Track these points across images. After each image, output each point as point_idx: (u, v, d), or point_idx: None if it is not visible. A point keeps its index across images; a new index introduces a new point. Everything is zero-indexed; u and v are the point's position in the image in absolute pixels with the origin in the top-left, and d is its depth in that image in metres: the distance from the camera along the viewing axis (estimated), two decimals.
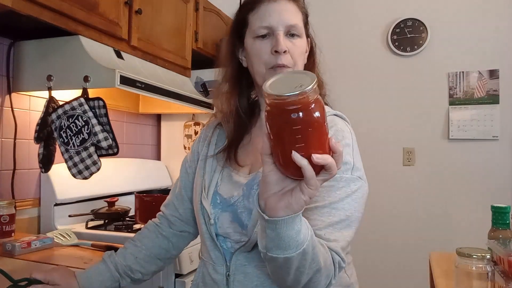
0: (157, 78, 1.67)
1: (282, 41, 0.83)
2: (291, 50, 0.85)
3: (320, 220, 0.74)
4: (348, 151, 0.82)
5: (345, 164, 0.78)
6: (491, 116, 2.60)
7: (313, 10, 0.95)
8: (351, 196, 0.78)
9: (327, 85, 1.00)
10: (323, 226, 0.74)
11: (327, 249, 0.71)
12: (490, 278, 0.83)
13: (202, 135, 1.03)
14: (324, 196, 0.76)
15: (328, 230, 0.74)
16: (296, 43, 0.86)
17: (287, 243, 0.61)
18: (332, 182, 0.76)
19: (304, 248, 0.62)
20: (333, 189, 0.77)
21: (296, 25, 0.86)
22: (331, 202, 0.76)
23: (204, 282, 0.90)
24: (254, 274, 0.81)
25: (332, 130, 0.83)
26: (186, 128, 2.32)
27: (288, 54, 0.85)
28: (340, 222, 0.75)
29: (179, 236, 1.03)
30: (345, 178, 0.78)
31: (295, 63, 0.86)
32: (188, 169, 1.02)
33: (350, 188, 0.78)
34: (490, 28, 2.63)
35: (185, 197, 1.02)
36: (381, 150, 2.79)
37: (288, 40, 0.85)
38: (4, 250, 1.23)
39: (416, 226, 2.73)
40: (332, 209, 0.75)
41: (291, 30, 0.85)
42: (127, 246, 1.01)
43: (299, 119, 0.52)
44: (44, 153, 1.44)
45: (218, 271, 0.86)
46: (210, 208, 0.88)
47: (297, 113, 0.52)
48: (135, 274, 0.97)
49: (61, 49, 1.43)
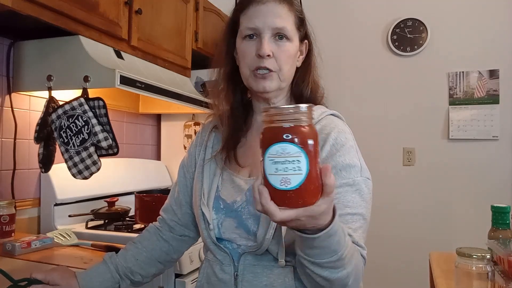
0: (157, 78, 1.67)
1: (266, 44, 0.83)
2: (276, 54, 0.84)
3: (348, 228, 0.74)
4: (354, 153, 0.83)
5: (353, 167, 0.80)
6: (491, 116, 2.60)
7: (313, 10, 0.94)
8: (363, 197, 0.79)
9: (327, 86, 0.99)
10: (351, 233, 0.75)
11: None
12: (490, 278, 0.83)
13: (198, 139, 1.01)
14: (342, 201, 0.77)
15: (357, 235, 0.76)
16: (282, 46, 0.85)
17: (333, 248, 0.64)
18: (346, 188, 0.78)
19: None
20: (349, 191, 0.78)
21: (284, 28, 0.84)
22: (350, 207, 0.77)
23: (209, 283, 0.89)
24: (263, 274, 0.81)
25: (335, 132, 0.83)
26: (186, 128, 2.32)
27: (273, 58, 0.84)
28: (361, 227, 0.78)
29: (179, 240, 1.03)
30: (357, 181, 0.79)
31: (280, 67, 0.85)
32: (186, 174, 1.01)
33: (362, 191, 0.79)
34: (490, 28, 2.63)
35: (183, 201, 1.01)
36: (381, 150, 2.79)
37: (275, 43, 0.84)
38: (4, 250, 1.23)
39: (416, 226, 2.73)
40: (354, 215, 0.77)
41: (279, 33, 0.84)
42: (128, 247, 1.00)
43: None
44: (44, 153, 1.44)
45: (225, 271, 0.85)
46: (212, 214, 0.87)
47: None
48: (135, 276, 0.97)
49: (61, 49, 1.43)
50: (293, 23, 0.87)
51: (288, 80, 0.89)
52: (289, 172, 0.52)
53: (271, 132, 0.53)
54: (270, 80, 0.85)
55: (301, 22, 0.89)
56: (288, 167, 0.52)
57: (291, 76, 0.89)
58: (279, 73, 0.85)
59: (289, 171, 0.52)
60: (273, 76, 0.85)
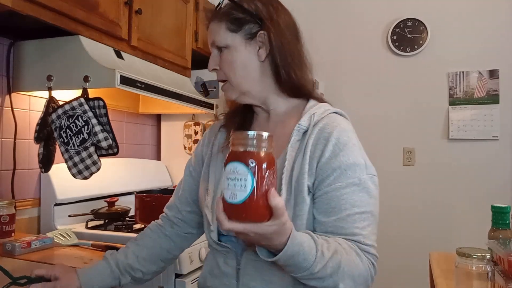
0: (157, 78, 1.67)
1: (210, 60, 0.91)
2: (220, 65, 0.90)
3: (355, 228, 0.78)
4: (357, 151, 0.83)
5: (358, 165, 0.81)
6: (491, 116, 2.60)
7: (313, 11, 0.94)
8: (371, 194, 0.81)
9: (327, 85, 1.00)
10: (358, 233, 0.78)
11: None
12: (490, 278, 0.83)
13: (205, 139, 1.04)
14: (350, 201, 0.79)
15: (364, 234, 0.79)
16: (223, 57, 0.89)
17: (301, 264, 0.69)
18: (352, 187, 0.80)
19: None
20: (356, 191, 0.80)
21: (216, 41, 0.89)
22: (358, 206, 0.79)
23: (212, 274, 0.91)
24: (264, 269, 0.82)
25: (337, 131, 0.83)
26: (186, 128, 2.32)
27: (220, 70, 0.90)
28: (370, 224, 0.81)
29: (182, 237, 1.05)
30: (364, 180, 0.81)
31: (227, 75, 0.89)
32: (193, 172, 1.03)
33: (370, 189, 0.81)
34: (490, 28, 2.63)
35: (188, 199, 1.03)
36: (381, 150, 2.79)
37: (219, 56, 0.90)
38: (4, 250, 1.23)
39: (416, 226, 2.73)
40: (362, 214, 0.79)
41: (217, 46, 0.90)
42: (129, 245, 1.02)
43: None
44: (44, 153, 1.44)
45: (229, 264, 0.87)
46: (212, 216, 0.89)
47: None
48: (135, 273, 0.98)
49: (61, 49, 1.43)
50: (226, 30, 0.88)
51: (248, 83, 0.89)
52: (236, 188, 0.60)
53: (230, 153, 0.62)
54: (226, 90, 0.92)
55: (238, 22, 0.87)
56: (237, 184, 0.60)
57: (247, 79, 0.89)
58: (230, 82, 0.89)
59: (236, 187, 0.60)
60: (226, 86, 0.91)
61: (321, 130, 0.84)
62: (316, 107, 0.89)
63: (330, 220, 0.79)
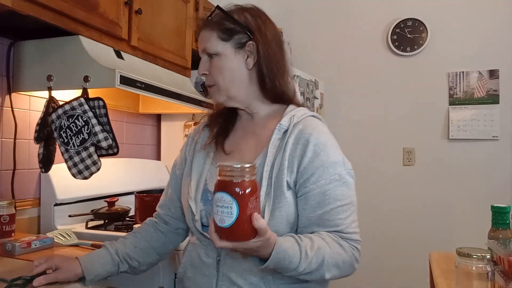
0: (157, 78, 1.67)
1: (200, 66, 0.97)
2: (210, 71, 0.96)
3: (338, 219, 0.88)
4: (335, 149, 0.92)
5: (337, 162, 0.91)
6: (491, 116, 2.60)
7: (313, 11, 0.95)
8: (350, 187, 0.91)
9: (327, 86, 1.03)
10: (340, 223, 0.88)
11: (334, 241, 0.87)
12: (490, 278, 0.83)
13: (189, 139, 1.12)
14: (333, 196, 0.88)
15: (346, 223, 0.88)
16: (213, 63, 0.95)
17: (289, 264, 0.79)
18: (334, 183, 0.89)
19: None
20: (338, 186, 0.89)
21: (207, 47, 0.95)
22: (340, 200, 0.88)
23: (193, 265, 0.96)
24: (242, 259, 0.88)
25: (316, 133, 0.91)
26: (186, 128, 2.32)
27: (210, 75, 0.96)
28: (352, 214, 0.90)
29: (174, 233, 1.12)
30: (343, 175, 0.90)
31: (216, 80, 0.95)
32: (177, 171, 1.11)
33: (349, 182, 0.91)
34: (490, 28, 2.63)
35: (174, 197, 1.10)
36: (381, 150, 2.79)
37: (209, 62, 0.96)
38: (4, 250, 1.23)
39: (416, 226, 2.73)
40: (344, 206, 0.88)
41: (207, 53, 0.95)
42: (127, 236, 1.08)
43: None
44: (44, 153, 1.44)
45: (209, 255, 0.93)
46: (200, 205, 0.96)
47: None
48: (132, 262, 1.03)
49: (61, 49, 1.43)
50: (217, 38, 0.94)
51: (235, 89, 0.96)
52: (224, 215, 0.68)
53: (218, 183, 0.70)
54: (213, 94, 0.99)
55: (229, 32, 0.94)
56: (224, 211, 0.68)
57: (235, 84, 0.95)
58: (218, 86, 0.96)
59: (224, 214, 0.68)
60: (213, 89, 0.97)
61: (301, 131, 0.91)
62: (295, 110, 0.98)
63: (316, 214, 0.88)
